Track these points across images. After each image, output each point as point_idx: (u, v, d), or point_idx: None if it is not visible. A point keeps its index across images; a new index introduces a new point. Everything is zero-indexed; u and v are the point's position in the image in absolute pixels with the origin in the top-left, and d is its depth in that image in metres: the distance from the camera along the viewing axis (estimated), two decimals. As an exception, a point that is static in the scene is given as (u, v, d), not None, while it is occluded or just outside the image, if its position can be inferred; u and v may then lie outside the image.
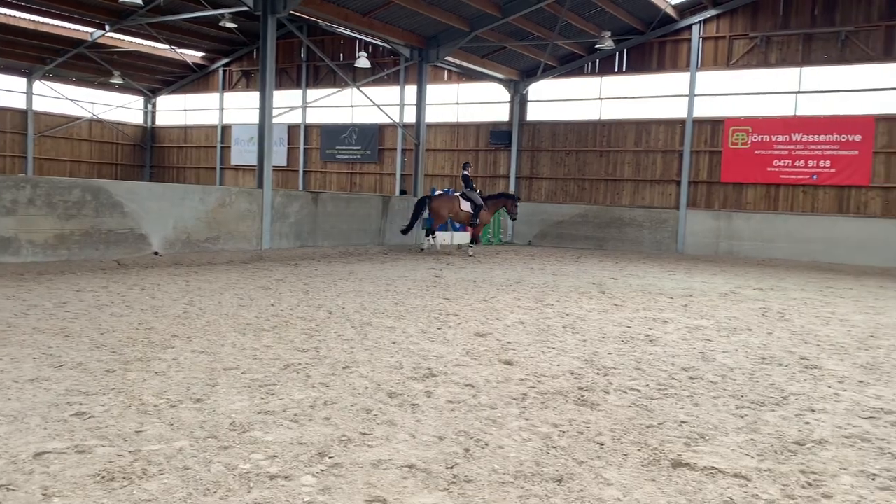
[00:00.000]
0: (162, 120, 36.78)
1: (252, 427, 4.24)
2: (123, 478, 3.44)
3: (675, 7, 22.92)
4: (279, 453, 3.84)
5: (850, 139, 21.19)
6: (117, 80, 31.35)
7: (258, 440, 4.03)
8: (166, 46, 29.24)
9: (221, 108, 34.01)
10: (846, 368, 6.58)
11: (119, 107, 34.75)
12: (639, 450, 4.13)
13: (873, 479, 3.81)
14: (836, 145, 21.38)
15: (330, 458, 3.80)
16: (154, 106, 36.58)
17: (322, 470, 3.64)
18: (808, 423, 4.79)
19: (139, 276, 11.55)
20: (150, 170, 36.89)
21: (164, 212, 14.44)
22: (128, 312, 8.02)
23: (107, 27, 26.76)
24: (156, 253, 14.16)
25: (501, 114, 27.28)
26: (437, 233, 22.58)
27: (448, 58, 22.79)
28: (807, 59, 21.83)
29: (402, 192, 27.81)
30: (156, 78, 34.55)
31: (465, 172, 19.18)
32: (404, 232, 19.40)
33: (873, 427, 4.75)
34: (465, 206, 18.79)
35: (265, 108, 16.71)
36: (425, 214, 19.46)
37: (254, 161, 23.00)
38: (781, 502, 3.48)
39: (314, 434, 4.16)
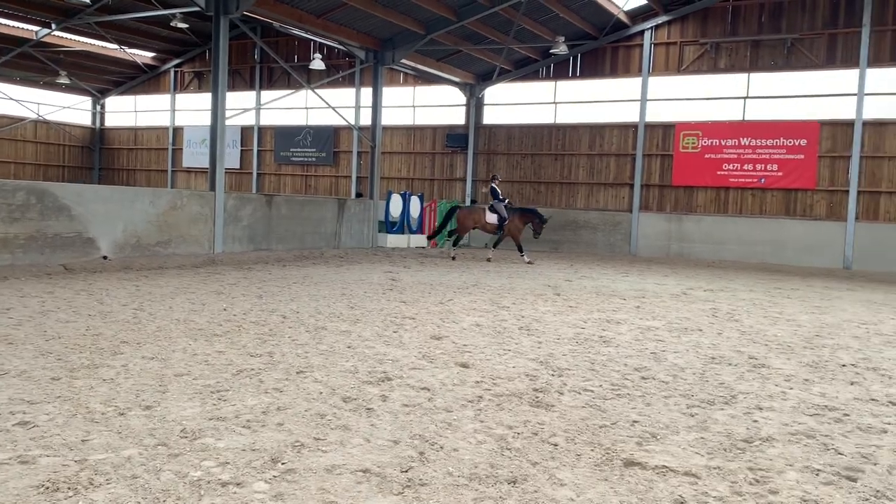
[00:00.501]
0: (111, 121, 36.00)
1: (203, 434, 4.17)
2: (69, 488, 3.35)
3: (627, 13, 23.29)
4: (231, 460, 3.78)
5: (797, 143, 21.78)
6: (64, 81, 30.58)
7: (209, 447, 3.96)
8: (115, 46, 28.64)
9: (173, 110, 33.44)
10: (793, 367, 6.74)
11: (66, 107, 33.89)
12: (592, 450, 4.18)
13: (817, 475, 3.91)
14: (783, 149, 21.96)
15: (283, 463, 3.76)
16: (103, 107, 35.78)
17: (275, 476, 3.59)
18: (755, 421, 4.90)
19: (87, 280, 11.27)
20: (99, 172, 36.06)
21: (112, 215, 14.12)
22: (74, 318, 7.82)
23: (53, 26, 26.05)
24: (105, 257, 13.84)
25: (458, 117, 27.37)
26: (389, 236, 22.57)
27: (404, 60, 22.78)
28: (754, 66, 22.39)
29: (358, 194, 27.70)
30: (104, 78, 33.80)
31: (493, 185, 19.14)
32: (430, 238, 21.46)
33: (818, 424, 4.88)
34: (491, 217, 18.88)
35: (218, 109, 16.48)
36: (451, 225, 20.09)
37: (206, 163, 22.64)
38: (730, 499, 3.55)
39: (267, 440, 4.11)
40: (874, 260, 20.77)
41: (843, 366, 6.88)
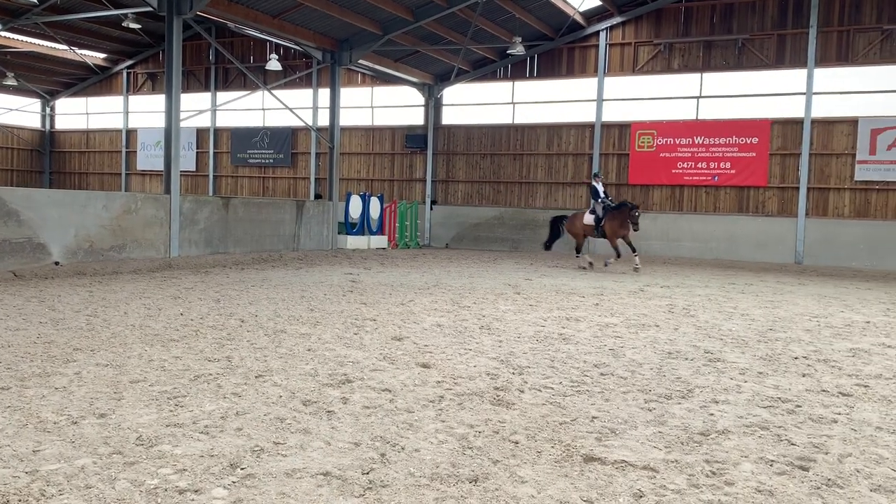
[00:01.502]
0: (62, 124, 35.15)
1: (160, 441, 4.10)
2: (19, 500, 3.26)
3: (582, 14, 23.53)
4: (189, 466, 3.72)
5: (749, 142, 22.25)
6: (11, 82, 29.77)
7: (166, 454, 3.89)
8: (65, 47, 27.96)
9: (126, 112, 32.79)
10: (747, 361, 6.89)
11: (14, 110, 32.98)
12: (552, 446, 4.21)
13: (772, 465, 4.00)
14: (736, 147, 22.41)
15: (242, 469, 3.71)
16: (53, 109, 34.92)
17: (234, 482, 3.55)
18: (712, 414, 4.99)
19: (38, 287, 10.98)
20: (50, 176, 35.18)
21: (64, 219, 13.80)
22: (25, 326, 7.62)
23: (-1, 26, 25.36)
24: (56, 263, 13.52)
25: (416, 117, 27.35)
26: (349, 238, 22.44)
27: (361, 61, 22.68)
28: (707, 66, 22.81)
29: (317, 196, 27.50)
30: (54, 80, 32.99)
31: (593, 183, 17.78)
32: (546, 247, 19.39)
33: (771, 416, 5.00)
34: (589, 219, 17.64)
35: (172, 111, 16.22)
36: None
37: (161, 166, 22.23)
38: (687, 492, 3.61)
39: (226, 445, 4.06)
40: (824, 255, 21.33)
41: (796, 358, 7.05)
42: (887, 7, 20.63)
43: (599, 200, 17.37)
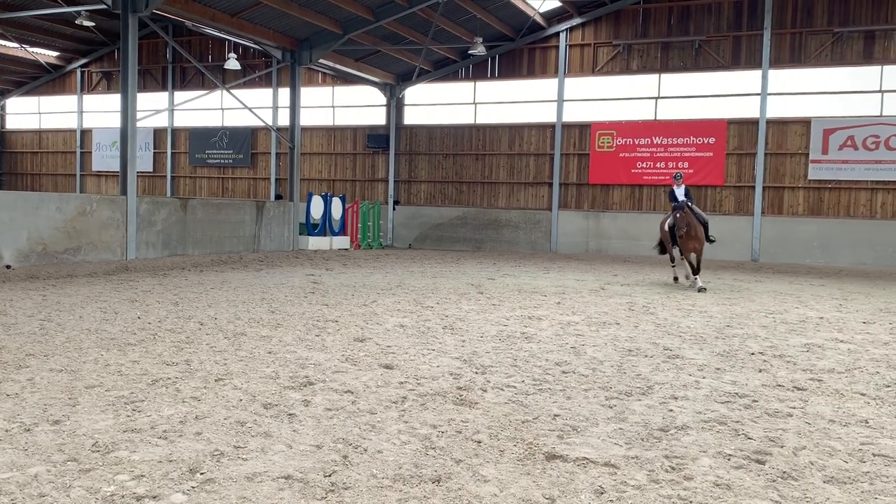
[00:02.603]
0: (12, 123, 34.25)
1: (117, 447, 4.02)
2: (-31, 511, 3.17)
3: (542, 15, 23.69)
4: (147, 472, 3.65)
5: (706, 142, 22.64)
6: (-40, 81, 28.93)
7: (123, 460, 3.82)
8: (15, 45, 27.25)
9: (80, 111, 32.09)
10: (705, 357, 7.00)
11: (-37, 109, 32.08)
12: (515, 445, 4.23)
13: (729, 460, 4.07)
14: (693, 147, 22.79)
15: (202, 474, 3.66)
16: (3, 109, 34.00)
17: (193, 487, 3.49)
18: (671, 410, 5.06)
19: (-11, 291, 10.69)
20: (0, 177, 34.26)
21: (16, 222, 13.45)
22: (-25, 331, 7.41)
23: (-54, 23, 24.62)
24: (8, 266, 13.17)
25: (378, 117, 27.27)
26: (311, 238, 22.24)
27: (322, 60, 22.54)
28: (665, 67, 23.15)
29: (278, 196, 27.25)
30: (4, 78, 32.12)
31: (673, 187, 14.75)
32: (662, 252, 15.42)
33: (729, 411, 5.09)
34: (666, 224, 14.57)
35: (128, 110, 15.92)
36: None
37: (117, 167, 21.80)
38: (648, 487, 3.66)
39: (185, 450, 3.99)
40: (779, 252, 21.81)
41: (752, 354, 7.18)
42: (838, 10, 21.17)
43: (680, 204, 13.93)
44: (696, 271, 13.60)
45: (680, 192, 14.38)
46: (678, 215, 13.52)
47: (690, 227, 13.43)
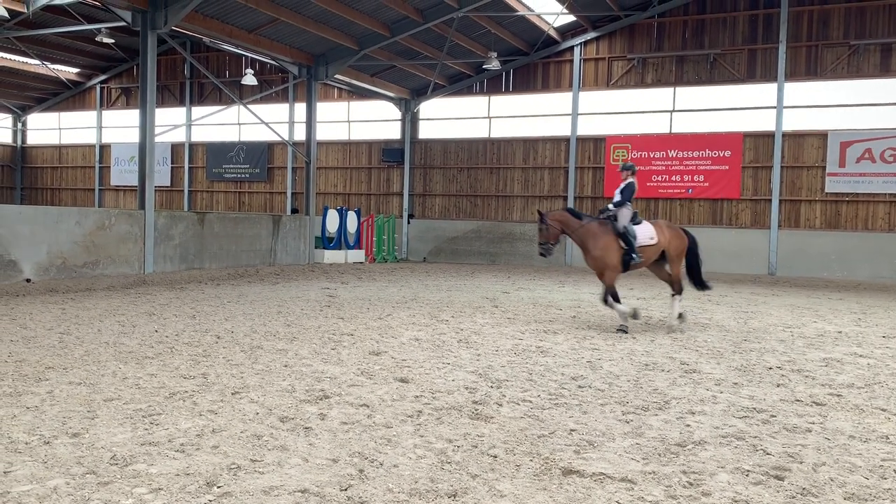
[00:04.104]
0: (34, 139, 34.70)
1: (135, 460, 4.05)
2: (-10, 523, 3.20)
3: (556, 29, 23.75)
4: (164, 485, 3.67)
5: (722, 155, 22.55)
6: (-18, 97, 29.38)
7: (141, 473, 3.84)
8: (37, 62, 27.67)
9: (100, 127, 32.47)
10: (722, 371, 6.95)
11: (-15, 125, 32.55)
12: (531, 460, 4.21)
13: (747, 475, 4.04)
14: (709, 161, 22.70)
15: (219, 487, 3.68)
16: (25, 124, 34.47)
17: (210, 500, 3.51)
18: (688, 425, 5.03)
19: (9, 305, 10.80)
20: (22, 192, 34.69)
21: (36, 236, 13.61)
22: (-4, 344, 7.49)
23: (-31, 41, 25.05)
24: (28, 280, 13.32)
25: (393, 132, 27.39)
26: (326, 252, 22.29)
27: (338, 76, 22.69)
28: (680, 80, 23.11)
29: (294, 210, 27.39)
30: (26, 95, 32.59)
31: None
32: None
33: (747, 426, 5.04)
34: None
35: (147, 126, 16.10)
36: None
37: (135, 181, 22.07)
38: (665, 503, 3.63)
39: (202, 463, 4.01)
40: (796, 265, 21.62)
41: (770, 369, 7.12)
42: (854, 23, 21.07)
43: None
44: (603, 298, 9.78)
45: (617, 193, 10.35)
46: (538, 227, 10.10)
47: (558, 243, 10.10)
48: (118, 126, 32.03)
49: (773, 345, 8.62)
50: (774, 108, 21.91)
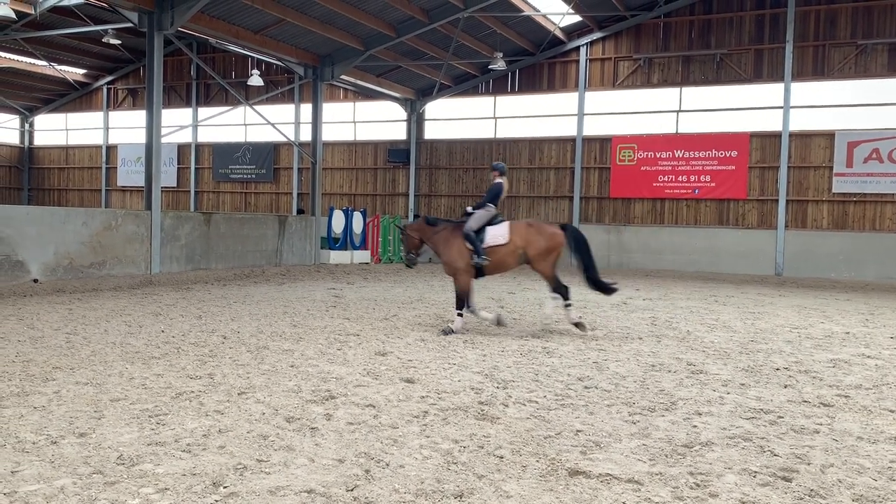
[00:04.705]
0: (41, 140, 34.84)
1: (141, 460, 4.05)
2: (-3, 523, 3.21)
3: (562, 29, 23.73)
4: (171, 486, 3.68)
5: (728, 155, 22.48)
6: (-10, 98, 29.51)
7: (148, 473, 3.85)
8: (44, 63, 27.77)
9: (106, 128, 32.58)
10: (729, 372, 6.93)
11: (-8, 126, 32.69)
12: (537, 460, 4.21)
13: (755, 476, 4.02)
14: (715, 161, 22.63)
15: (225, 487, 3.68)
16: (32, 125, 34.61)
17: (217, 500, 3.51)
18: (695, 426, 5.01)
19: (16, 305, 10.84)
20: (29, 192, 34.84)
21: (43, 237, 13.65)
22: (2, 344, 7.52)
23: (-23, 42, 25.16)
24: (35, 280, 13.36)
25: (399, 132, 27.40)
26: (332, 253, 22.32)
27: (343, 76, 22.71)
28: (686, 80, 23.06)
29: (300, 211, 27.43)
30: (33, 96, 32.73)
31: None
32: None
33: (754, 427, 5.02)
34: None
35: (153, 126, 16.13)
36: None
37: (142, 182, 22.11)
38: (672, 504, 3.62)
39: (208, 464, 4.02)
40: (803, 266, 21.54)
41: (777, 370, 7.10)
42: (861, 22, 20.99)
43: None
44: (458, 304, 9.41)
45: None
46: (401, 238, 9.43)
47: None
48: (125, 127, 32.13)
49: (780, 346, 8.58)
50: (781, 108, 21.84)
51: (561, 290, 9.23)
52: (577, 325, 9.11)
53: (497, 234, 9.29)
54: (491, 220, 9.38)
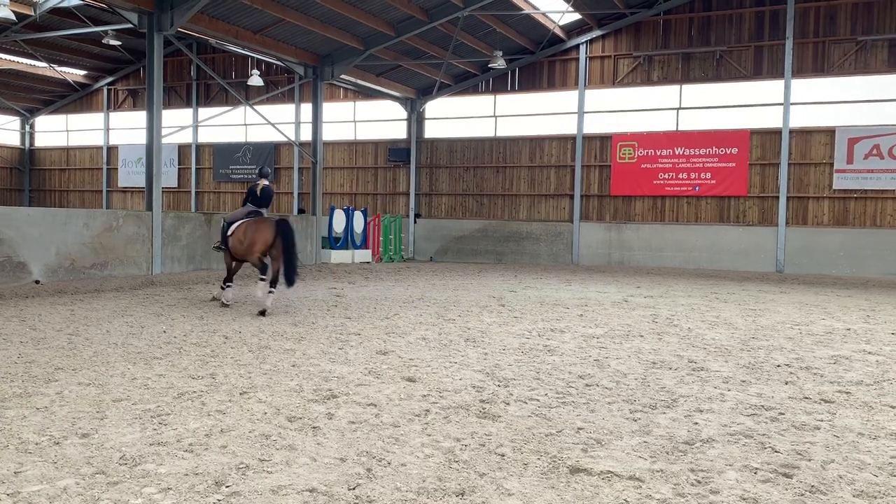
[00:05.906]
0: (42, 141, 34.87)
1: (144, 460, 4.07)
2: (1, 523, 3.22)
3: (562, 28, 23.72)
4: (173, 485, 3.69)
5: (728, 152, 22.48)
6: (-10, 100, 29.52)
7: (150, 473, 3.86)
8: (44, 64, 27.78)
9: (107, 129, 32.60)
10: (730, 369, 6.94)
11: (-7, 128, 32.72)
12: (538, 458, 4.22)
13: (756, 473, 4.03)
14: (716, 158, 22.63)
15: (227, 486, 3.69)
16: (32, 127, 34.64)
17: (219, 499, 3.52)
18: (696, 423, 5.02)
19: (18, 306, 10.86)
20: (30, 194, 34.88)
21: (45, 238, 13.67)
22: (5, 345, 7.53)
23: (-23, 44, 25.18)
24: (37, 281, 13.38)
25: (399, 131, 27.41)
26: (333, 252, 22.33)
27: (343, 76, 22.72)
28: (686, 77, 23.05)
29: (301, 210, 27.43)
30: (33, 97, 32.76)
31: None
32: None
33: (755, 423, 5.03)
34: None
35: (153, 127, 16.14)
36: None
37: (142, 183, 22.15)
38: (673, 501, 3.63)
39: (210, 463, 4.03)
40: (804, 263, 21.54)
41: (778, 366, 7.10)
42: (861, 19, 20.97)
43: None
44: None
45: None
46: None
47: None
48: (125, 128, 32.15)
49: (781, 342, 8.59)
50: (781, 104, 21.83)
51: (264, 273, 10.75)
52: (262, 312, 10.22)
53: (235, 227, 11.15)
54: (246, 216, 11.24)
